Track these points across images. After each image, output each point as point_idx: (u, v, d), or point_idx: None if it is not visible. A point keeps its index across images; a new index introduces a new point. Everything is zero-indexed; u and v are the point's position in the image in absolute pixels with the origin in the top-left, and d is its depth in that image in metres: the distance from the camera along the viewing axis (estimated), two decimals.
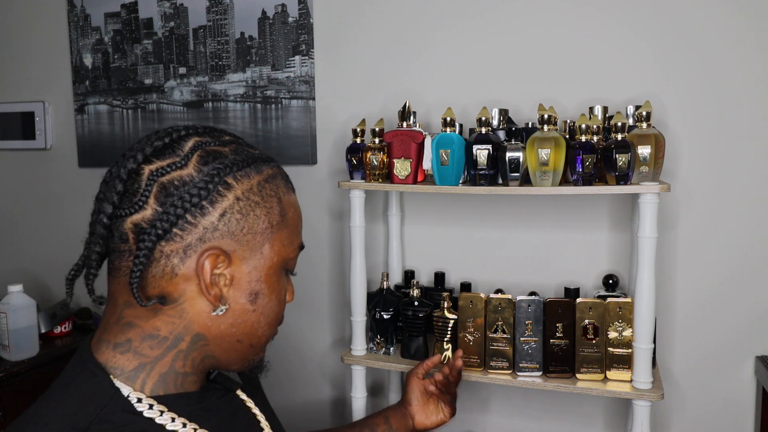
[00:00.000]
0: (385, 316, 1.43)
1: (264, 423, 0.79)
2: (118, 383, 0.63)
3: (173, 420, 0.64)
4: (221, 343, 0.67)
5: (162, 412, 0.63)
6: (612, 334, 1.26)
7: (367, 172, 1.41)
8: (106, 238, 0.64)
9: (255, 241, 0.65)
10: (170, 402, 0.65)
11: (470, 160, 1.30)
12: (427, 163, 1.41)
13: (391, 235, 1.63)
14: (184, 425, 0.65)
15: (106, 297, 0.67)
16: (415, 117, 1.49)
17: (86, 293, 0.66)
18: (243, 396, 0.79)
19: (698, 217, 1.45)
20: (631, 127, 1.29)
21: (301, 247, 0.73)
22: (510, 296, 1.32)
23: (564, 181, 1.28)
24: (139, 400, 0.63)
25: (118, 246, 0.63)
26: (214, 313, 0.65)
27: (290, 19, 1.74)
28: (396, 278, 1.62)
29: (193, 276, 0.63)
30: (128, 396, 0.63)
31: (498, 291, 1.44)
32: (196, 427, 0.66)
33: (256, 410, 0.79)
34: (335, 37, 1.71)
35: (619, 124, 1.22)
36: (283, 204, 0.69)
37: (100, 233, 0.63)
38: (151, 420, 0.63)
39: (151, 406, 0.63)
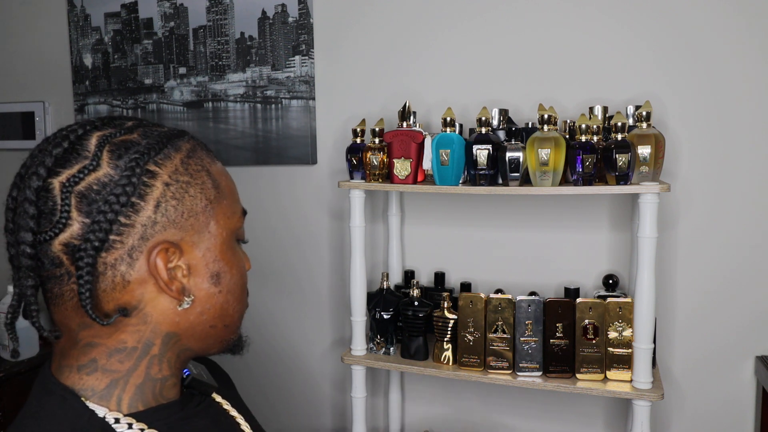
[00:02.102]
0: (385, 316, 1.43)
1: (244, 425, 0.76)
2: (91, 405, 0.59)
3: None
4: (194, 334, 0.64)
5: (143, 430, 0.60)
6: (612, 334, 1.26)
7: (367, 172, 1.41)
8: (35, 269, 0.57)
9: (199, 223, 0.61)
10: (150, 417, 0.62)
11: (470, 160, 1.30)
12: (427, 163, 1.41)
13: (391, 235, 1.63)
14: None
15: (54, 327, 0.61)
16: (415, 117, 1.49)
17: None
18: (219, 399, 0.76)
19: (698, 217, 1.45)
20: (631, 127, 1.29)
21: (244, 213, 0.69)
22: (510, 296, 1.32)
23: (564, 181, 1.28)
24: (117, 420, 0.59)
25: (52, 272, 0.57)
26: (181, 308, 0.61)
27: (290, 19, 1.74)
28: (396, 278, 1.62)
29: (147, 278, 0.58)
30: (105, 417, 0.59)
31: (498, 291, 1.44)
32: None
33: (234, 412, 0.76)
34: (335, 37, 1.71)
35: (619, 124, 1.22)
36: (213, 175, 0.64)
37: (27, 265, 0.57)
38: None
39: (130, 425, 0.59)
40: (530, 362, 1.30)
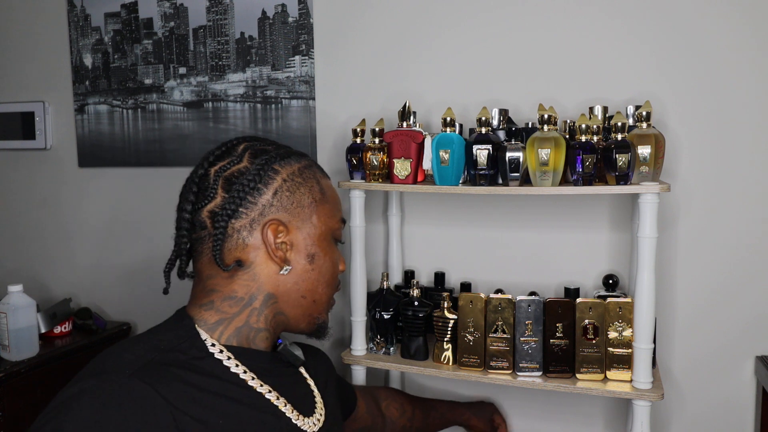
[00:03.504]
0: (385, 316, 1.43)
1: (318, 399, 0.91)
2: (199, 329, 0.80)
3: (237, 366, 0.79)
4: (288, 300, 0.83)
5: (229, 357, 0.79)
6: (612, 334, 1.26)
7: (367, 172, 1.41)
8: (189, 231, 0.81)
9: (304, 213, 0.83)
10: (240, 353, 0.80)
11: (470, 160, 1.30)
12: (427, 163, 1.41)
13: (391, 235, 1.63)
14: (245, 372, 0.79)
15: (194, 274, 0.85)
16: (415, 117, 1.49)
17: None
18: (306, 374, 0.93)
19: (698, 217, 1.45)
20: (631, 127, 1.29)
21: (343, 221, 0.90)
22: (510, 296, 1.32)
23: (564, 181, 1.28)
24: (213, 345, 0.79)
25: (199, 234, 0.81)
26: (281, 272, 0.81)
27: (290, 19, 1.74)
28: (396, 278, 1.62)
29: (260, 245, 0.80)
30: (205, 340, 0.79)
31: (498, 291, 1.44)
32: (254, 376, 0.80)
33: (314, 388, 0.92)
34: (335, 37, 1.71)
35: (619, 124, 1.22)
36: (322, 185, 0.86)
37: (185, 227, 0.81)
38: (219, 361, 0.78)
39: (221, 351, 0.78)
40: (530, 362, 1.30)
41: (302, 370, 0.93)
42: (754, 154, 1.40)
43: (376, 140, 1.40)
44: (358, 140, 1.46)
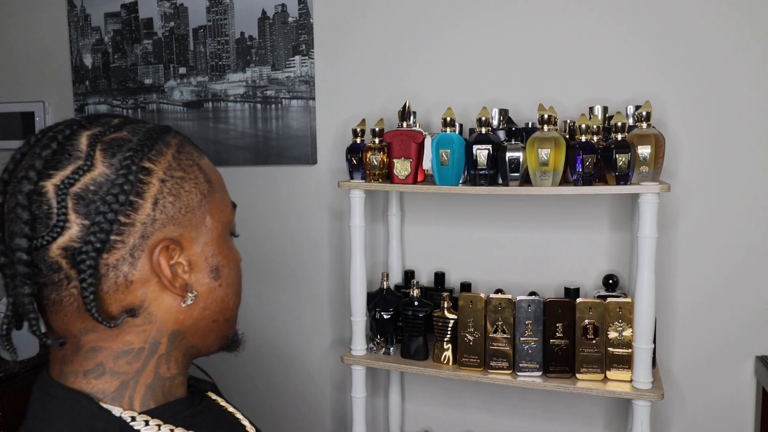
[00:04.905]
0: (385, 316, 1.43)
1: (244, 420, 0.77)
2: (107, 407, 0.58)
3: (172, 431, 0.61)
4: (198, 330, 0.64)
5: (159, 426, 0.60)
6: (612, 334, 1.26)
7: (367, 172, 1.41)
8: (32, 276, 0.56)
9: (196, 218, 0.61)
10: (163, 413, 0.62)
11: (470, 160, 1.30)
12: (427, 163, 1.41)
13: (391, 235, 1.63)
14: None
15: (48, 334, 0.60)
16: (415, 117, 1.49)
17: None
18: (214, 396, 0.77)
19: (698, 217, 1.45)
20: (631, 127, 1.29)
21: (234, 206, 0.70)
22: (510, 296, 1.32)
23: (564, 181, 1.28)
24: (133, 419, 0.59)
25: (50, 278, 0.56)
26: (185, 305, 0.61)
27: (290, 19, 1.74)
28: (396, 278, 1.62)
29: (150, 276, 0.58)
30: (121, 416, 0.58)
31: (498, 291, 1.44)
32: None
33: (231, 408, 0.77)
34: (335, 37, 1.71)
35: (619, 124, 1.22)
36: (204, 169, 0.64)
37: (23, 273, 0.55)
38: None
39: (147, 422, 0.59)
40: (530, 362, 1.30)
41: (209, 393, 0.77)
42: (754, 154, 1.40)
43: (376, 140, 1.40)
44: (358, 140, 1.46)
